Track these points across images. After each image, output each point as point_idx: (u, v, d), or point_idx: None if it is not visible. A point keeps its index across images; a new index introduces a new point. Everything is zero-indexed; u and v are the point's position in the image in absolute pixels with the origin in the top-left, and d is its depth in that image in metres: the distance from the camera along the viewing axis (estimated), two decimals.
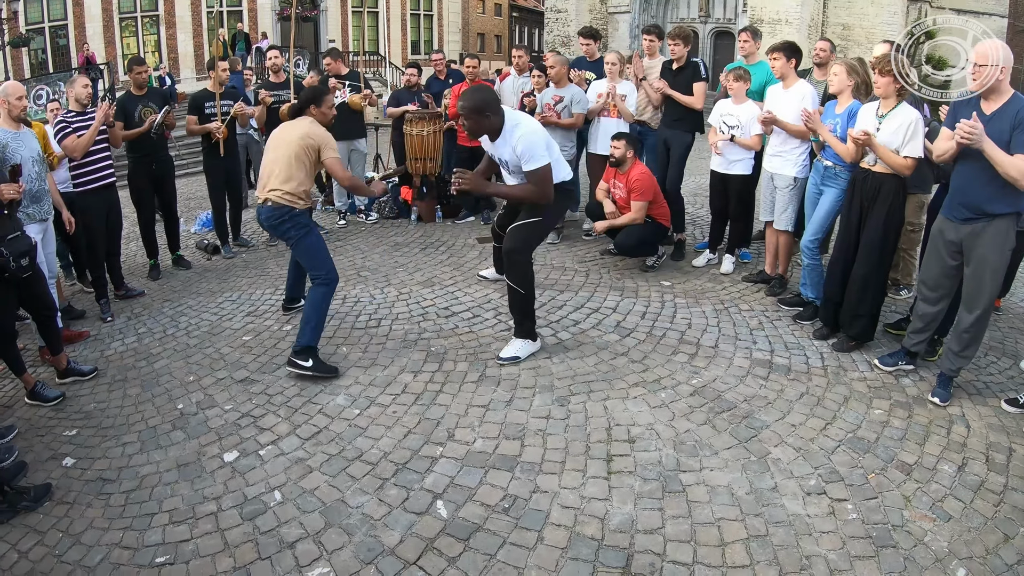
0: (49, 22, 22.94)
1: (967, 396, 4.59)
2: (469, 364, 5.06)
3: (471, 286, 6.58)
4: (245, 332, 5.80)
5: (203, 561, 3.29)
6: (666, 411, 4.40)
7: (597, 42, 8.56)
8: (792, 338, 5.42)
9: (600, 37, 8.67)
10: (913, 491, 3.64)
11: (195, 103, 7.62)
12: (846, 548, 3.25)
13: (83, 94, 6.14)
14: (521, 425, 4.27)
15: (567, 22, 31.00)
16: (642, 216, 6.63)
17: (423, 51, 32.55)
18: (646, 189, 6.59)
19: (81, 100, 6.12)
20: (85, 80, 6.36)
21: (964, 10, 28.06)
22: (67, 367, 5.11)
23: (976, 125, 3.89)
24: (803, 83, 5.86)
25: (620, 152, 6.66)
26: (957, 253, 4.42)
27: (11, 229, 4.53)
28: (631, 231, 6.63)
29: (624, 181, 6.71)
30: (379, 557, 3.25)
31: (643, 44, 7.65)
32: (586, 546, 3.28)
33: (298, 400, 4.67)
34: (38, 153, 5.46)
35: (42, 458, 4.21)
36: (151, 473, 3.98)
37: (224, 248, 8.02)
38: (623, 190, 6.73)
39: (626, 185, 6.68)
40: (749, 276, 6.66)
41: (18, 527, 3.60)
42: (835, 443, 4.05)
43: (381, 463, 3.94)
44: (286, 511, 3.58)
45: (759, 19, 24.64)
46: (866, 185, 4.94)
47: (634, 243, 6.67)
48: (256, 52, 22.82)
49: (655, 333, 5.52)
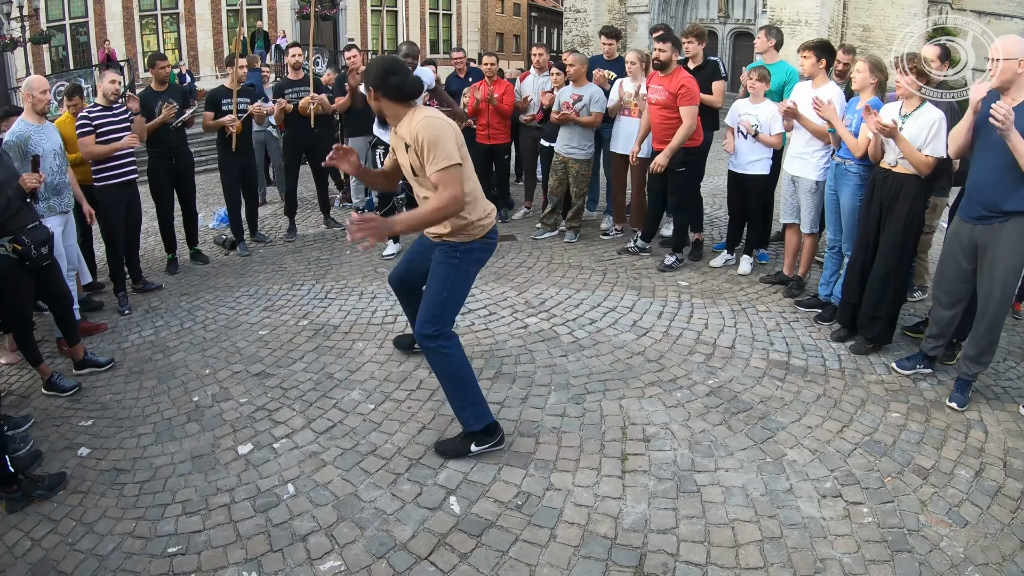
0: (70, 19, 23.12)
1: (985, 401, 4.54)
2: (485, 361, 5.05)
3: (488, 284, 6.57)
4: (261, 327, 5.82)
5: (215, 552, 3.30)
6: (682, 411, 4.38)
7: (617, 41, 8.54)
8: (809, 340, 5.38)
9: (621, 37, 8.64)
10: (929, 495, 3.61)
11: (212, 99, 7.66)
12: (861, 552, 3.22)
13: (110, 90, 6.17)
14: (536, 423, 4.26)
15: (586, 22, 30.93)
16: (694, 123, 6.50)
17: (442, 50, 32.59)
18: (694, 93, 6.45)
19: (108, 96, 6.16)
20: (113, 76, 6.37)
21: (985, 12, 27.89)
22: (84, 358, 5.15)
23: (1011, 111, 3.85)
24: (832, 84, 5.81)
25: (666, 55, 6.45)
26: (972, 256, 4.37)
27: (30, 219, 4.58)
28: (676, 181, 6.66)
29: (666, 84, 6.50)
30: (391, 552, 3.24)
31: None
32: (599, 545, 3.27)
33: (313, 394, 4.68)
34: (59, 146, 5.52)
35: (57, 448, 4.24)
36: (165, 464, 4.00)
37: (240, 246, 8.05)
38: (662, 92, 6.52)
39: (669, 88, 6.46)
40: (767, 277, 6.62)
41: (32, 515, 3.63)
42: (851, 446, 4.02)
43: (395, 458, 3.95)
44: (299, 504, 3.59)
45: (779, 20, 24.48)
46: (886, 186, 4.90)
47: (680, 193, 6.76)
48: (275, 50, 22.91)
49: (671, 333, 5.50)
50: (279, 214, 9.60)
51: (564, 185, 7.71)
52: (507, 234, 8.28)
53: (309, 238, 8.52)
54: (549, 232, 8.10)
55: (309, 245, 8.21)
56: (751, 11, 29.87)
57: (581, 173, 7.58)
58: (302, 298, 6.43)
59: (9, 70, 21.37)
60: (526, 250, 7.69)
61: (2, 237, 4.39)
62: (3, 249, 4.39)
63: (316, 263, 7.49)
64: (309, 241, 8.38)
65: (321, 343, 5.44)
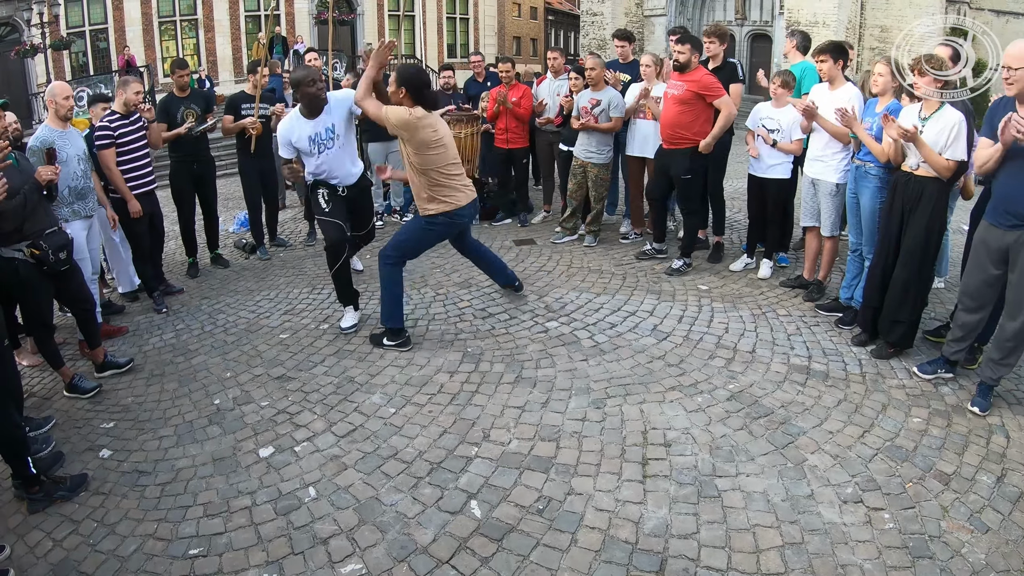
0: (90, 25, 23.30)
1: (1007, 406, 4.50)
2: (505, 365, 5.06)
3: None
4: (282, 330, 5.85)
5: (236, 554, 3.32)
6: (702, 415, 4.37)
7: (631, 44, 8.53)
8: (830, 344, 5.35)
9: (634, 39, 8.64)
10: (951, 501, 3.58)
11: (232, 104, 7.72)
12: (882, 558, 3.19)
13: (133, 100, 6.13)
14: (556, 427, 4.26)
15: (603, 25, 30.90)
16: (734, 109, 6.54)
17: (459, 54, 32.64)
18: (719, 86, 6.49)
19: (130, 105, 6.14)
20: (139, 87, 6.30)
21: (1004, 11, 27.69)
22: (104, 361, 5.20)
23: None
24: (849, 86, 5.79)
25: (685, 57, 6.44)
26: (1002, 262, 4.33)
27: (49, 224, 4.62)
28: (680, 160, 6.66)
29: (688, 81, 6.48)
30: (412, 555, 3.25)
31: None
32: (620, 550, 3.26)
33: (334, 398, 4.70)
34: (83, 151, 5.58)
35: (79, 449, 4.29)
36: (187, 467, 4.03)
37: (260, 250, 8.10)
38: (681, 87, 6.49)
39: (692, 86, 6.44)
40: (787, 281, 6.58)
41: (53, 516, 3.67)
42: (872, 451, 3.99)
43: (416, 462, 3.96)
44: (320, 507, 3.61)
45: (796, 21, 24.41)
46: (908, 189, 4.86)
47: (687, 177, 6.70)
48: (294, 55, 23.02)
49: (692, 337, 5.48)
50: (299, 218, 9.67)
51: (583, 189, 7.71)
52: (526, 238, 8.29)
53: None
54: (568, 236, 8.10)
55: None
56: (768, 13, 29.71)
57: (600, 177, 7.57)
58: (322, 302, 6.46)
59: (30, 76, 21.60)
60: (545, 254, 7.69)
61: (20, 242, 4.42)
62: (21, 254, 4.43)
63: None
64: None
65: (342, 347, 5.47)
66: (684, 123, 6.50)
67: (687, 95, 6.42)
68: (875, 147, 5.13)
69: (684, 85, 6.45)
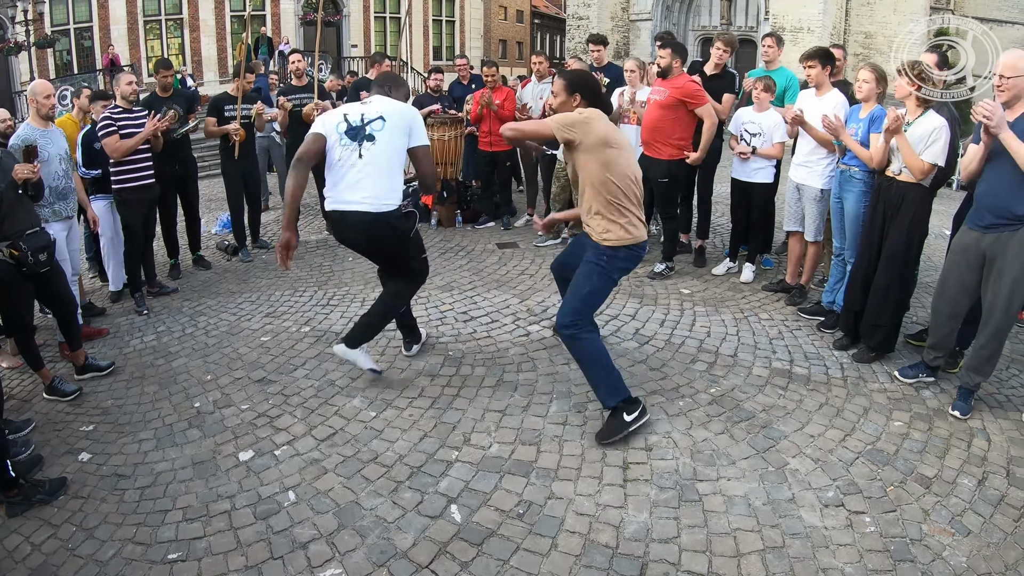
0: (74, 24, 23.11)
1: (988, 409, 4.53)
2: (487, 369, 5.05)
3: (490, 291, 6.58)
4: (263, 333, 5.82)
5: (215, 559, 3.29)
6: (684, 419, 4.37)
7: (605, 48, 8.55)
8: (812, 348, 5.37)
9: (608, 43, 8.68)
10: (932, 505, 3.59)
11: (215, 105, 7.69)
12: (863, 561, 3.20)
13: (128, 91, 6.30)
14: (537, 431, 4.25)
15: (588, 29, 30.90)
16: (715, 117, 6.57)
17: (445, 57, 32.58)
18: (701, 93, 6.49)
19: (127, 98, 6.28)
20: (130, 78, 6.49)
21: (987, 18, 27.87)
22: (85, 363, 5.15)
23: (997, 107, 3.89)
24: (835, 92, 5.82)
25: (666, 61, 6.47)
26: (978, 267, 4.36)
27: (30, 224, 4.57)
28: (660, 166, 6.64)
29: (671, 87, 6.48)
30: (392, 560, 3.23)
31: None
32: (600, 554, 3.25)
33: (314, 401, 4.67)
34: (65, 151, 5.54)
35: (58, 452, 4.24)
36: (166, 470, 3.99)
37: (242, 252, 8.07)
38: (663, 93, 6.51)
39: (675, 92, 6.44)
40: (769, 285, 6.61)
41: (32, 519, 3.63)
42: (854, 455, 4.00)
43: (396, 466, 3.94)
44: (300, 511, 3.58)
45: (781, 27, 24.53)
46: (890, 193, 4.89)
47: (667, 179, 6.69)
48: (279, 56, 22.94)
49: (674, 341, 5.49)
50: (281, 220, 9.61)
51: (567, 192, 7.70)
52: (509, 241, 8.29)
53: (311, 244, 8.52)
54: (552, 239, 8.10)
55: (311, 252, 8.21)
56: (753, 18, 29.85)
57: None
58: (304, 304, 6.43)
59: (13, 74, 21.40)
60: (528, 257, 7.69)
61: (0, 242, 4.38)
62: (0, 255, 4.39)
63: (318, 269, 7.49)
64: (311, 248, 8.38)
65: (323, 350, 5.44)
66: (665, 127, 6.53)
67: (669, 100, 6.44)
68: (863, 153, 5.15)
69: (666, 91, 6.47)
